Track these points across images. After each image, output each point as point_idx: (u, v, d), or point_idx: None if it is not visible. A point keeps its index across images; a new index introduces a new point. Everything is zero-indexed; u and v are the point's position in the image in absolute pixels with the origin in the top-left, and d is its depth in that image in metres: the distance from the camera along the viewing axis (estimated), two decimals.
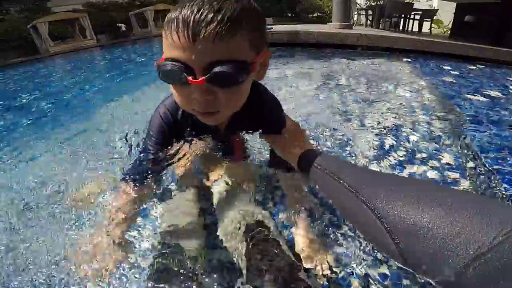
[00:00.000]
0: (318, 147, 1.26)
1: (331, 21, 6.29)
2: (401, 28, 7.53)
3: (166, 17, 0.57)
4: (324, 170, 0.61)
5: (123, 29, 18.80)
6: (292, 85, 2.51)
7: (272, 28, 4.83)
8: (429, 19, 7.43)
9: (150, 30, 17.71)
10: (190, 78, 0.54)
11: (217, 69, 0.53)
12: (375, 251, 0.75)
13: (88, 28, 15.53)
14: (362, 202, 0.46)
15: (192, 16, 0.51)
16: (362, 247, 0.77)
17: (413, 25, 7.58)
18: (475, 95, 2.11)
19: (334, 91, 2.29)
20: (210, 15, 0.50)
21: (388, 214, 0.41)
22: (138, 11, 18.77)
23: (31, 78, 6.48)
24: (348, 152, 1.30)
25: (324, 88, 2.38)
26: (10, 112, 3.14)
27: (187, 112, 0.69)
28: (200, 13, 0.51)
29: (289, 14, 36.92)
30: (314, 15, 31.80)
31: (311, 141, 1.28)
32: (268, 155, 1.01)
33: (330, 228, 0.84)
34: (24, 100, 3.81)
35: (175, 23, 0.52)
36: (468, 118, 1.63)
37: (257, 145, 1.02)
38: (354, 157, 1.27)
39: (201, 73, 0.54)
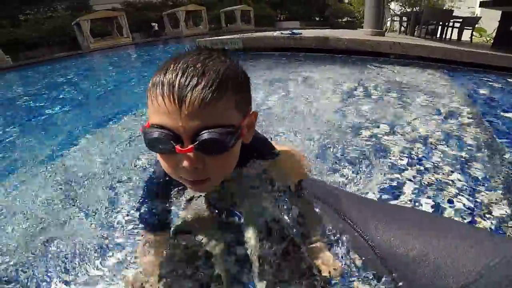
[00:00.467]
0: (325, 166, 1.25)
1: (362, 27, 6.20)
2: (438, 36, 7.23)
3: (151, 80, 0.56)
4: (322, 199, 0.62)
5: (156, 28, 19.87)
6: (316, 91, 2.53)
7: (301, 33, 4.85)
8: (470, 27, 7.06)
9: (181, 30, 18.57)
10: (178, 146, 0.52)
11: (205, 136, 0.51)
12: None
13: (125, 27, 16.69)
14: (357, 234, 0.48)
15: (177, 80, 0.50)
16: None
17: (451, 33, 7.24)
18: None
19: (360, 100, 2.27)
20: (195, 79, 0.50)
21: (380, 243, 0.43)
22: (170, 11, 19.77)
23: (74, 71, 7.25)
24: (367, 162, 1.31)
25: (350, 96, 2.37)
26: (56, 100, 3.56)
27: None
28: (185, 76, 0.50)
29: (317, 18, 36.49)
30: (344, 19, 31.15)
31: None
32: None
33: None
34: (68, 89, 4.36)
35: (160, 87, 0.52)
36: (504, 139, 1.54)
37: None
38: (371, 168, 1.27)
39: (189, 140, 0.52)
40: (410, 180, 1.19)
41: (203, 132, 0.51)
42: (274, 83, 2.88)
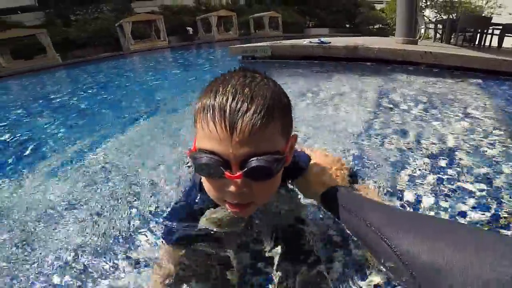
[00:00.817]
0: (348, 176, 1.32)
1: (393, 34, 6.15)
2: (477, 43, 6.97)
3: (199, 102, 0.58)
4: (347, 209, 0.63)
5: (190, 32, 20.95)
6: (344, 100, 2.64)
7: (329, 42, 4.96)
8: None
9: (213, 35, 19.48)
10: (227, 173, 0.54)
11: (254, 163, 0.53)
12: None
13: (162, 30, 17.93)
14: (383, 241, 0.50)
15: (228, 105, 0.52)
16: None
17: (491, 40, 6.95)
18: None
19: (387, 110, 2.36)
20: (245, 105, 0.52)
21: (406, 251, 0.44)
22: (203, 16, 20.79)
23: (118, 70, 8.08)
24: (395, 170, 1.41)
25: (377, 106, 2.46)
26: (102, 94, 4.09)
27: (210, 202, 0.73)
28: (235, 101, 0.52)
29: (348, 25, 35.89)
30: (375, 26, 30.38)
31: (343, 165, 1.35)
32: None
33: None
34: (112, 86, 4.95)
35: (211, 112, 0.53)
36: None
37: None
38: (399, 176, 1.35)
39: (237, 166, 0.54)
40: (430, 191, 1.24)
41: (252, 160, 0.53)
42: (302, 92, 3.05)
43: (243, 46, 5.97)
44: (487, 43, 6.90)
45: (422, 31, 10.06)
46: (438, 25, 8.68)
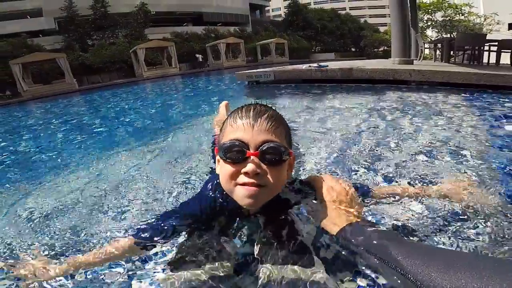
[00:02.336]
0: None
1: None
2: (475, 61, 7.33)
3: (229, 117, 0.82)
4: (367, 251, 0.65)
5: (200, 59, 22.26)
6: (335, 117, 3.10)
7: (327, 66, 5.54)
8: (510, 50, 7.13)
9: (222, 62, 20.63)
10: (248, 151, 0.73)
11: (267, 145, 0.74)
12: None
13: (174, 57, 19.16)
14: (407, 279, 0.52)
15: (250, 113, 0.77)
16: None
17: (489, 57, 7.35)
18: None
19: (373, 124, 2.78)
20: (261, 113, 0.78)
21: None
22: (213, 43, 22.19)
23: (132, 96, 8.84)
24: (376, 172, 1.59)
25: (365, 119, 2.90)
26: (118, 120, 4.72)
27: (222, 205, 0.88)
28: (255, 112, 0.78)
29: (353, 49, 37.19)
30: (380, 49, 31.40)
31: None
32: None
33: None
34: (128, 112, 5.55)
35: (240, 114, 0.79)
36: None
37: None
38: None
39: (255, 149, 0.74)
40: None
41: (265, 144, 0.74)
42: (300, 110, 3.55)
43: (249, 72, 6.65)
44: (489, 60, 7.24)
45: (427, 51, 10.59)
46: (437, 44, 9.14)
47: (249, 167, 0.72)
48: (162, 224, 0.91)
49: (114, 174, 2.08)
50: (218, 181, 0.85)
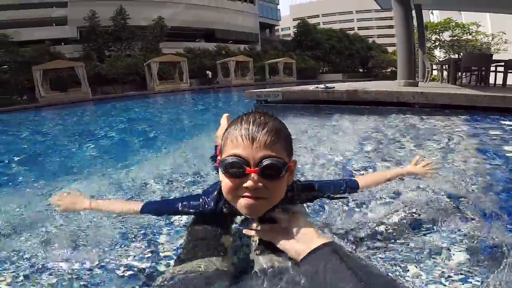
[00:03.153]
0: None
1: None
2: (482, 82, 7.38)
3: (228, 129, 0.82)
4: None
5: (210, 76, 22.97)
6: (338, 138, 3.33)
7: (333, 87, 5.83)
8: None
9: (231, 80, 21.29)
10: (248, 168, 0.75)
11: (266, 162, 0.75)
12: None
13: (185, 72, 19.90)
14: None
15: (250, 127, 0.77)
16: None
17: (495, 78, 7.42)
18: None
19: (376, 143, 2.98)
20: (261, 127, 0.77)
21: None
22: (223, 61, 22.97)
23: (143, 108, 9.40)
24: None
25: (368, 140, 3.11)
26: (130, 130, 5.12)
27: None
28: (255, 125, 0.78)
29: (361, 70, 37.68)
30: (388, 70, 31.75)
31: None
32: None
33: None
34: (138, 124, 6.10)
35: (239, 130, 0.78)
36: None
37: None
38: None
39: (255, 165, 0.75)
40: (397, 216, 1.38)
41: (265, 160, 0.75)
42: (305, 129, 3.80)
43: (258, 91, 6.99)
44: (493, 82, 7.31)
45: (435, 72, 10.75)
46: (444, 65, 9.26)
47: (249, 183, 0.76)
48: (168, 207, 1.08)
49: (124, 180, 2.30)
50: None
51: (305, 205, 1.19)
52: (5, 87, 16.44)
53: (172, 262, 1.12)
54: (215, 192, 0.99)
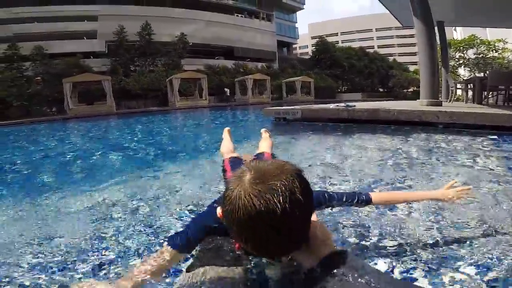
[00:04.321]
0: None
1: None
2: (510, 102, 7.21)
3: (227, 203, 0.64)
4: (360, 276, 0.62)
5: (228, 94, 23.80)
6: (358, 158, 3.47)
7: (354, 105, 6.02)
8: None
9: (248, 98, 21.94)
10: None
11: None
12: None
13: (205, 89, 20.77)
14: None
15: (254, 206, 0.59)
16: None
17: None
18: None
19: (397, 164, 3.11)
20: (272, 203, 0.59)
21: None
22: (241, 79, 23.76)
23: (165, 125, 9.96)
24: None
25: (388, 160, 3.24)
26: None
27: None
28: (261, 198, 0.60)
29: (381, 89, 37.53)
30: (409, 90, 31.47)
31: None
32: None
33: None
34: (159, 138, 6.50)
35: (238, 211, 0.61)
36: None
37: None
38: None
39: None
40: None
41: None
42: (325, 147, 3.97)
43: (276, 109, 7.27)
44: None
45: (459, 92, 10.64)
46: (469, 84, 9.13)
47: None
48: (189, 235, 0.94)
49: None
50: None
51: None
52: (38, 98, 17.78)
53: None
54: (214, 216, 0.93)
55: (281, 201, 0.58)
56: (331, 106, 6.55)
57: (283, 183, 0.59)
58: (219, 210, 0.71)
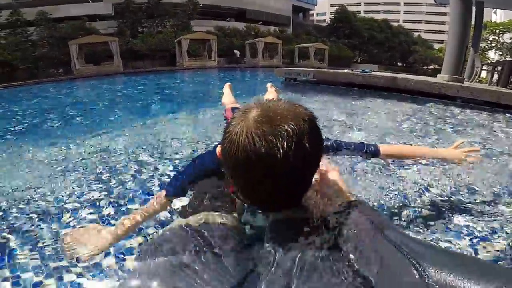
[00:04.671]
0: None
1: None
2: None
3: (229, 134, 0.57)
4: (377, 227, 0.55)
5: (237, 55, 23.51)
6: (370, 116, 3.34)
7: (370, 72, 5.75)
8: None
9: (258, 61, 21.52)
10: None
11: None
12: None
13: (214, 50, 20.32)
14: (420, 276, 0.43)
15: (263, 140, 0.52)
16: None
17: None
18: None
19: (410, 130, 2.98)
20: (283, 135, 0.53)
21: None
22: (252, 41, 23.12)
23: (171, 82, 10.00)
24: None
25: (396, 126, 3.11)
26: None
27: None
28: (272, 131, 0.53)
29: (400, 63, 36.15)
30: (430, 67, 30.27)
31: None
32: None
33: None
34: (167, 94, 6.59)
35: (245, 141, 0.54)
36: None
37: None
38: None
39: None
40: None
41: None
42: (333, 108, 3.82)
43: (288, 69, 7.00)
44: None
45: (484, 74, 10.23)
46: (497, 67, 8.80)
47: None
48: (186, 175, 0.99)
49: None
50: None
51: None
52: (44, 61, 18.25)
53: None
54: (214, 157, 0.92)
55: (285, 146, 0.51)
56: (346, 70, 6.28)
57: (291, 127, 0.52)
58: (218, 149, 0.65)
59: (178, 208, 1.18)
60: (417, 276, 0.43)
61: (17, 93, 8.63)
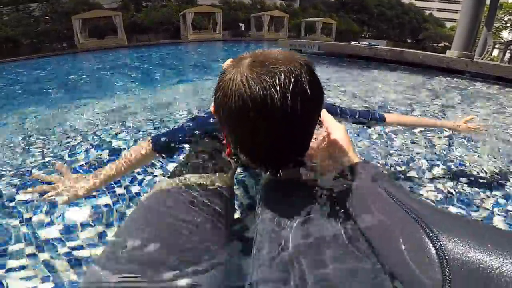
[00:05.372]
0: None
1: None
2: None
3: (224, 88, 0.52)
4: (388, 192, 0.51)
5: (242, 28, 23.31)
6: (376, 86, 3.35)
7: (378, 45, 5.67)
8: None
9: (263, 34, 21.34)
10: None
11: None
12: None
13: (219, 23, 20.24)
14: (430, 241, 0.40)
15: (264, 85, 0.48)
16: None
17: None
18: None
19: (416, 101, 3.00)
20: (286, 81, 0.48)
21: (453, 254, 0.38)
22: (257, 14, 22.78)
23: (174, 54, 10.11)
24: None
25: (401, 96, 3.12)
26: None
27: None
28: (275, 81, 0.48)
29: (409, 40, 35.34)
30: (440, 44, 29.65)
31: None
32: None
33: None
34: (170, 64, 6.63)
35: (246, 90, 0.49)
36: None
37: None
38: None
39: None
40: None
41: None
42: (337, 78, 3.82)
43: (292, 40, 6.90)
44: None
45: (495, 52, 10.09)
46: (510, 46, 8.75)
47: None
48: (178, 133, 0.95)
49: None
50: None
51: None
52: (47, 36, 18.65)
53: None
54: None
55: (282, 85, 0.46)
56: (352, 42, 6.20)
57: (287, 68, 0.48)
58: (212, 104, 0.59)
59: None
60: (430, 244, 0.40)
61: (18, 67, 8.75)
